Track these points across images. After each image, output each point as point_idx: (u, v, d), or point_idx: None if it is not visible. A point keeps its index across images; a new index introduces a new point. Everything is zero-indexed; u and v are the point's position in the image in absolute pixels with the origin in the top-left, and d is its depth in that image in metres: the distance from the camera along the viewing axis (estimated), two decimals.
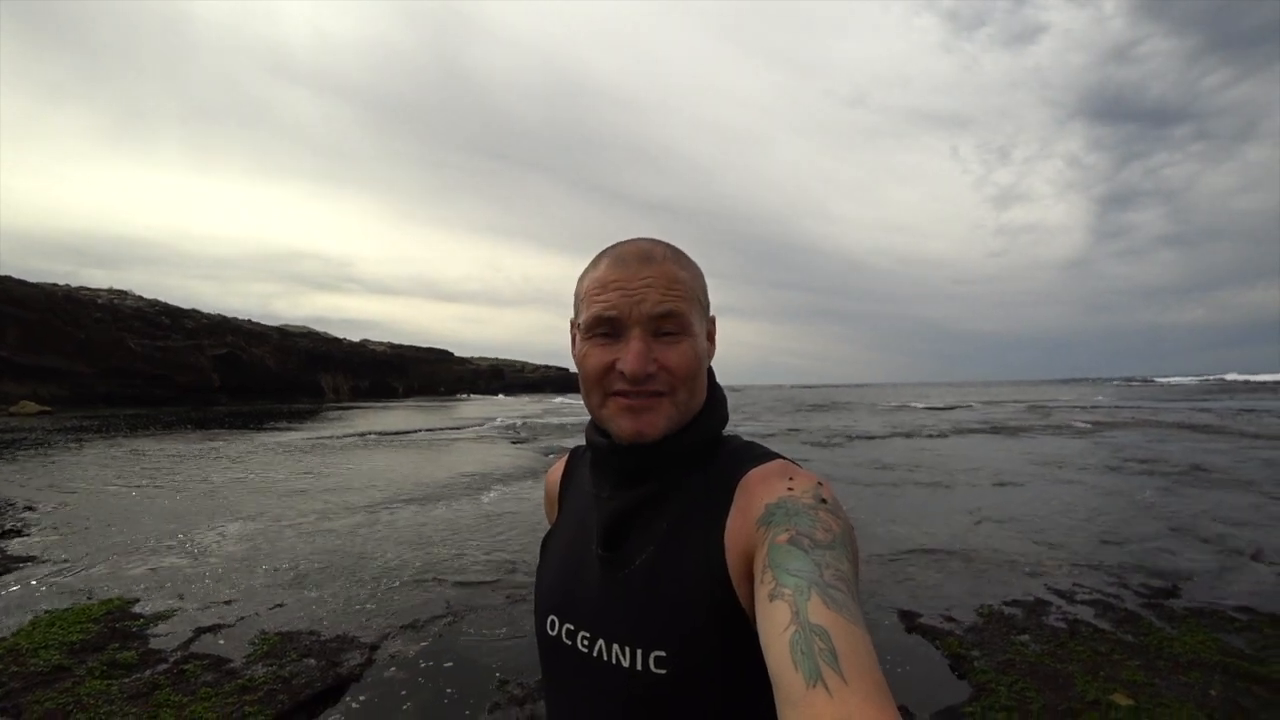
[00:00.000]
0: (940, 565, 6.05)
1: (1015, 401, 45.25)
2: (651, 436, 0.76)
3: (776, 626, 0.56)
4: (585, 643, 0.77)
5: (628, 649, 0.73)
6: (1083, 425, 22.56)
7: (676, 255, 0.81)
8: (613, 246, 0.82)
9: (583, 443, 0.94)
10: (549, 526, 0.99)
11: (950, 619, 4.70)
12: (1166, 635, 4.30)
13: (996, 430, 21.52)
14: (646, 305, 0.75)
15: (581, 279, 0.82)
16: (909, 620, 4.67)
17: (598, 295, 0.77)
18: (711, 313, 0.86)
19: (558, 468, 1.03)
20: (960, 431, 21.39)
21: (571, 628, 0.80)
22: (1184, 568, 5.88)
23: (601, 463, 0.85)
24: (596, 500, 0.84)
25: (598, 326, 0.77)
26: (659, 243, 0.81)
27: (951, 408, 38.71)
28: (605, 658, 0.75)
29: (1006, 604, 4.98)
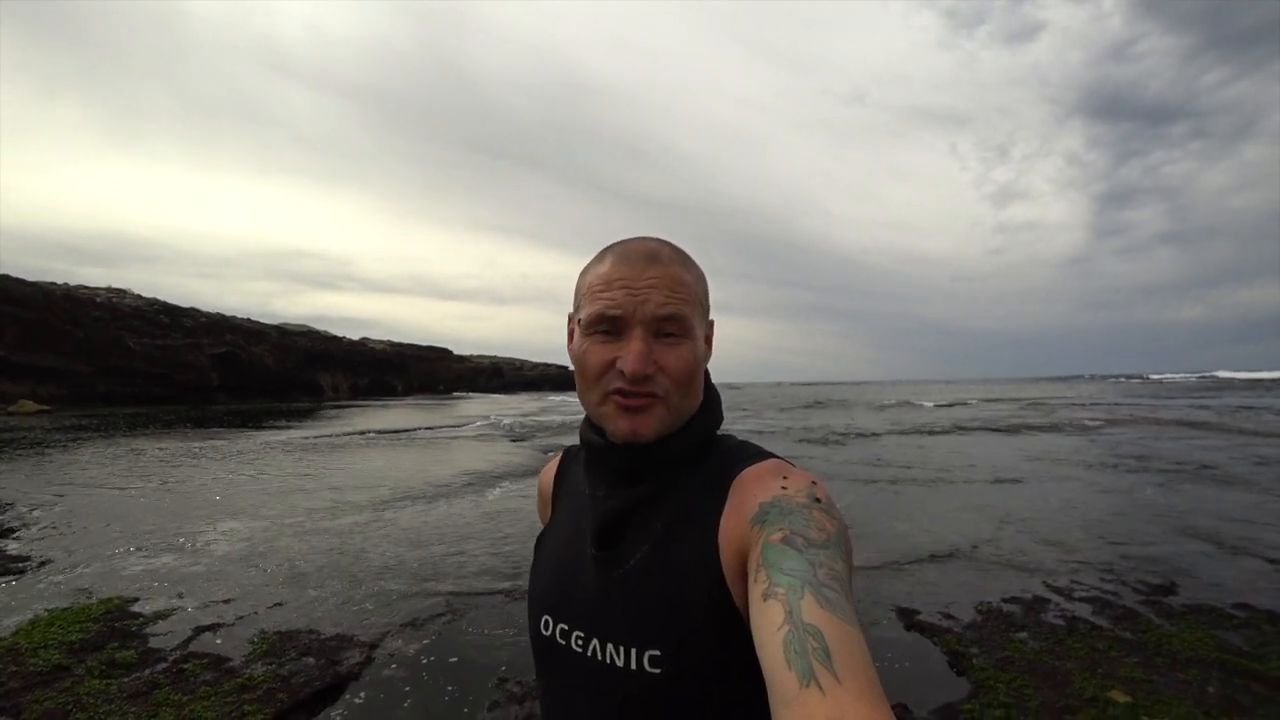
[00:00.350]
0: (939, 562, 6.06)
1: (1014, 399, 45.30)
2: (645, 438, 0.76)
3: (770, 626, 0.56)
4: (579, 642, 0.77)
5: (622, 648, 0.72)
6: (1082, 423, 22.58)
7: (682, 257, 0.80)
8: (618, 243, 0.81)
9: (577, 442, 0.93)
10: (542, 526, 0.99)
11: (949, 616, 4.71)
12: (1165, 632, 4.31)
13: (997, 428, 21.55)
14: (650, 306, 0.75)
15: (584, 274, 0.82)
16: (907, 618, 4.68)
17: (601, 292, 0.76)
18: (710, 316, 0.86)
19: (551, 467, 1.02)
20: (961, 429, 21.41)
21: (566, 627, 0.80)
22: (1183, 565, 5.89)
23: (597, 462, 0.84)
24: (591, 499, 0.84)
25: (600, 324, 0.76)
26: (665, 243, 0.81)
27: (951, 405, 38.75)
28: (600, 657, 0.75)
29: (1005, 601, 4.99)
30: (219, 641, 4.37)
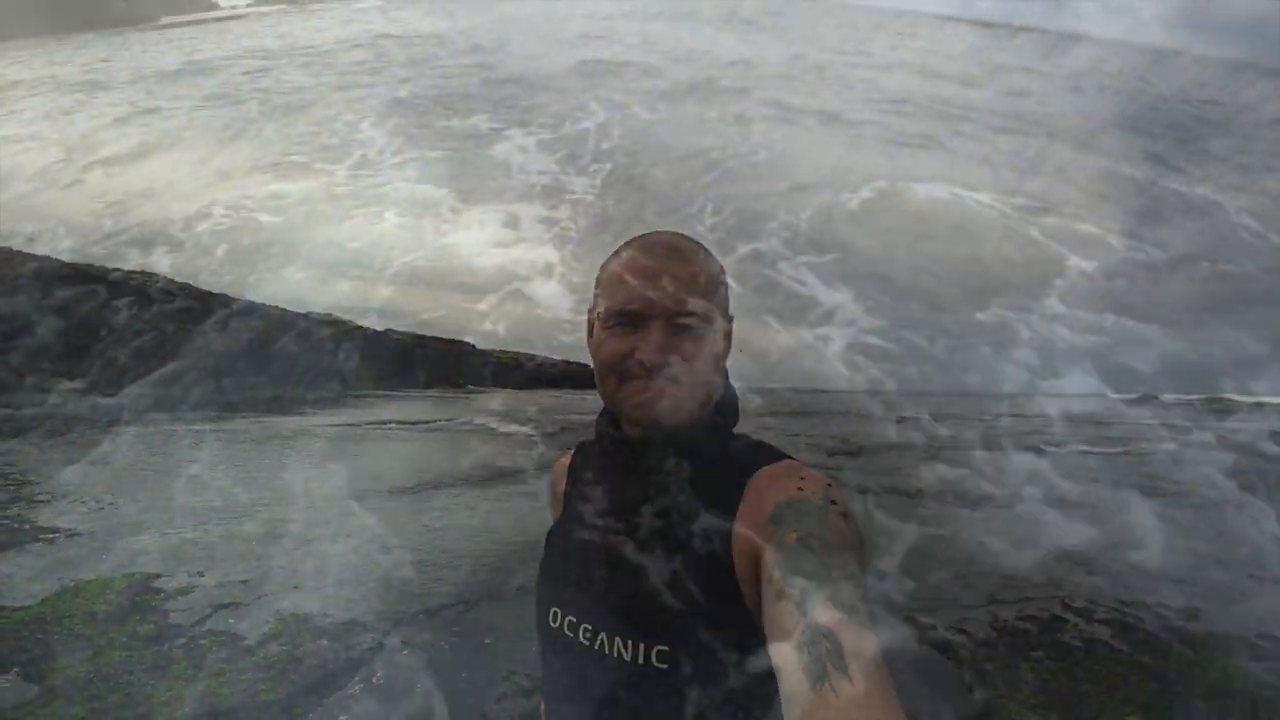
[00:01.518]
0: (957, 576, 5.96)
1: (1033, 414, 44.46)
2: (665, 422, 0.76)
3: (783, 626, 0.56)
4: (587, 635, 0.77)
5: (630, 643, 0.72)
6: (1103, 439, 22.10)
7: (700, 251, 0.81)
8: (637, 238, 0.82)
9: (591, 437, 0.93)
10: (553, 520, 0.99)
11: (962, 631, 4.63)
12: (1187, 660, 4.21)
13: (1030, 447, 21.18)
14: (669, 299, 0.75)
15: (604, 268, 0.83)
16: (920, 632, 4.61)
17: (620, 286, 0.77)
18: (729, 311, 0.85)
19: (563, 461, 1.02)
20: (989, 447, 21.08)
21: (574, 620, 0.80)
22: (1210, 592, 5.73)
23: (611, 456, 0.84)
24: (604, 494, 0.84)
25: (619, 317, 0.77)
26: (683, 237, 0.81)
27: (977, 417, 38.15)
28: (607, 651, 0.74)
29: (1021, 619, 4.90)
30: (234, 621, 4.45)
